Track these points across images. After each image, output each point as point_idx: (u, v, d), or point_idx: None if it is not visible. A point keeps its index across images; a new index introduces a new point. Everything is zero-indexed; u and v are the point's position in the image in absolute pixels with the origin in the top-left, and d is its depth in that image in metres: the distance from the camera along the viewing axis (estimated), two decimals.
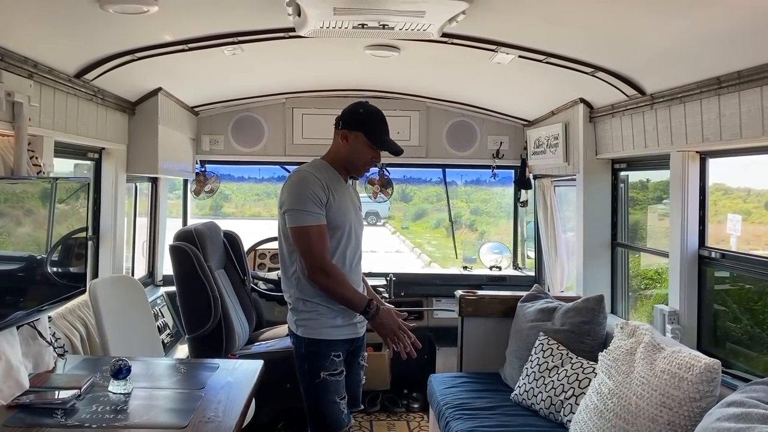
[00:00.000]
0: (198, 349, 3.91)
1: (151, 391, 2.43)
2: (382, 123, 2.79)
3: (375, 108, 2.81)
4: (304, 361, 2.73)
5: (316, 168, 2.74)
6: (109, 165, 3.87)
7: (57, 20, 2.57)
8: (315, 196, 2.61)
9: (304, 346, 2.73)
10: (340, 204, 2.71)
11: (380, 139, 2.77)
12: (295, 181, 2.68)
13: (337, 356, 2.73)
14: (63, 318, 3.09)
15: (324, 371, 2.70)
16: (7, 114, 2.53)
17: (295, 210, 2.61)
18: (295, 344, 2.78)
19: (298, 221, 2.60)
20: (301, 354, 2.74)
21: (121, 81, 3.52)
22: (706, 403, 2.38)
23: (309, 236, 2.60)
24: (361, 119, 2.75)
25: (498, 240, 5.91)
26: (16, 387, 2.24)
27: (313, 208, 2.60)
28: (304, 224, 2.60)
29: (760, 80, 2.47)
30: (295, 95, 5.05)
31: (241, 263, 4.50)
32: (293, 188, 2.66)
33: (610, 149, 3.86)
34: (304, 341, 2.73)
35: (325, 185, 2.65)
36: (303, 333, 2.73)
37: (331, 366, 2.71)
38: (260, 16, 2.88)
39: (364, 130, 2.74)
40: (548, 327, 3.62)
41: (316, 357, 2.71)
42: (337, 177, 2.78)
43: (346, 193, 2.80)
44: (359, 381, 3.00)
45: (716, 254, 3.11)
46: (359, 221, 2.88)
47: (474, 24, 2.81)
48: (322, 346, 2.72)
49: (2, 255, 2.32)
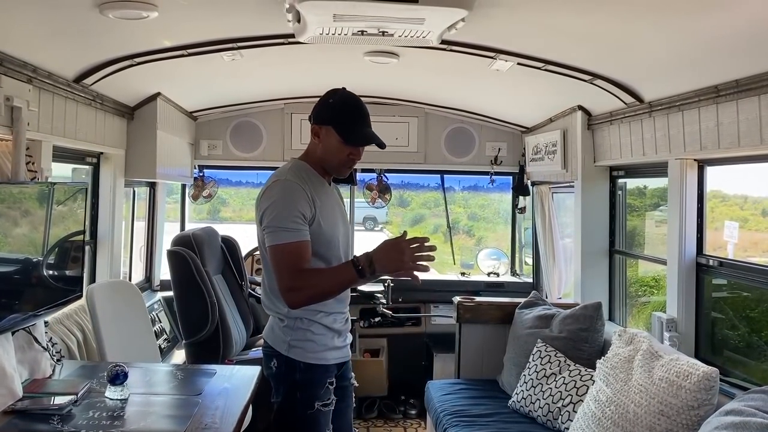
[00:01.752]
0: (195, 355, 3.90)
1: (148, 397, 2.42)
2: (356, 112, 2.36)
3: (349, 94, 2.39)
4: (295, 390, 2.32)
5: (298, 173, 2.34)
6: (107, 169, 3.86)
7: (57, 25, 2.57)
8: (300, 212, 2.24)
9: (298, 372, 2.32)
10: (328, 214, 2.36)
11: (353, 134, 2.33)
12: (278, 193, 2.26)
13: (331, 383, 2.38)
14: (60, 323, 3.08)
15: (318, 401, 2.33)
16: (6, 119, 2.53)
17: (276, 227, 2.23)
18: (281, 369, 2.35)
19: (277, 238, 2.23)
20: (293, 381, 2.32)
21: (120, 86, 3.52)
22: (704, 411, 2.38)
23: (287, 254, 2.22)
24: (331, 111, 2.35)
25: (496, 246, 5.91)
26: (9, 395, 2.22)
27: (294, 225, 2.22)
28: (283, 242, 2.22)
29: (757, 89, 2.48)
30: (293, 100, 5.05)
31: (238, 268, 4.49)
32: (275, 202, 2.25)
33: (608, 157, 3.87)
34: (298, 366, 2.32)
35: (310, 196, 2.28)
36: (298, 356, 2.32)
37: (325, 395, 2.35)
38: (260, 22, 2.88)
39: (333, 123, 2.33)
40: (546, 334, 3.62)
41: (311, 385, 2.33)
42: (320, 180, 2.40)
43: (331, 199, 2.44)
44: (352, 406, 2.64)
45: (714, 262, 3.11)
46: (346, 225, 2.53)
47: (473, 31, 2.81)
48: (319, 372, 2.34)
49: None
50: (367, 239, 9.55)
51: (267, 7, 2.59)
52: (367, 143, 2.37)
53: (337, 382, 2.44)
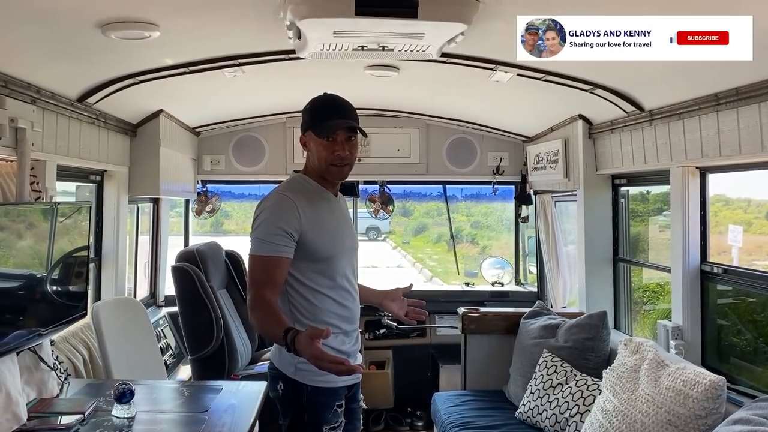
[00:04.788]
0: (201, 370, 3.90)
1: (155, 415, 2.43)
2: (324, 107, 2.31)
3: (322, 96, 2.35)
4: (302, 413, 2.28)
5: (294, 187, 2.34)
6: (110, 187, 3.88)
7: (60, 46, 2.59)
8: (281, 227, 2.20)
9: (305, 396, 2.27)
10: (325, 227, 2.30)
11: (323, 126, 2.27)
12: (267, 206, 2.26)
13: (339, 406, 2.32)
14: (66, 341, 3.09)
15: (327, 425, 2.28)
16: (11, 140, 2.54)
17: (256, 238, 2.22)
18: (287, 391, 2.30)
19: (254, 249, 2.22)
20: (300, 404, 2.27)
21: (123, 104, 3.54)
22: (711, 420, 2.37)
23: (258, 267, 2.21)
24: (305, 115, 2.33)
25: (500, 254, 5.90)
26: (14, 420, 2.22)
27: (274, 239, 2.19)
28: (258, 254, 2.21)
29: (757, 97, 2.50)
30: (295, 114, 5.06)
31: (242, 283, 4.50)
32: (261, 214, 2.25)
33: (610, 165, 3.88)
34: (305, 390, 2.27)
35: (300, 211, 2.24)
36: (304, 379, 2.26)
37: (333, 419, 2.30)
38: (261, 39, 2.90)
39: (309, 125, 2.30)
40: (552, 344, 3.62)
41: (319, 408, 2.28)
42: (320, 192, 2.36)
43: (334, 211, 2.39)
44: (359, 429, 2.58)
45: (718, 269, 3.11)
46: (351, 237, 2.47)
47: (472, 44, 2.83)
48: (327, 395, 2.29)
49: (2, 273, 2.31)
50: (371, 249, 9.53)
51: (268, 25, 2.61)
52: (337, 128, 2.27)
53: (347, 404, 2.38)
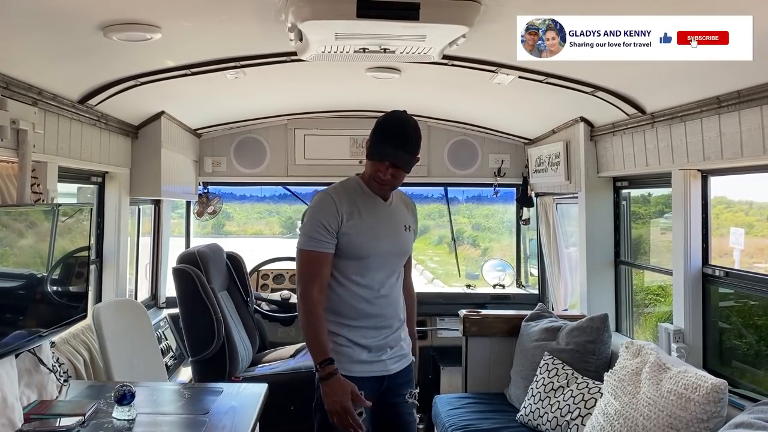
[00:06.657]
0: (201, 372, 3.90)
1: (156, 417, 2.43)
2: (388, 131, 2.43)
3: (393, 115, 2.49)
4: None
5: (341, 188, 2.49)
6: (112, 189, 3.88)
7: (61, 48, 2.59)
8: (322, 223, 2.37)
9: None
10: (366, 227, 2.43)
11: (377, 149, 2.42)
12: (313, 202, 2.47)
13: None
14: (66, 342, 3.08)
15: None
16: (12, 141, 2.54)
17: (302, 233, 2.43)
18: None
19: (300, 243, 2.42)
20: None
21: (125, 105, 3.54)
22: (713, 424, 2.36)
23: (303, 261, 2.41)
24: (375, 126, 2.47)
25: (501, 256, 5.89)
26: (9, 426, 2.20)
27: (316, 234, 2.37)
28: (303, 248, 2.40)
29: (759, 100, 2.49)
30: (297, 116, 5.07)
31: (243, 284, 4.50)
32: (309, 209, 2.45)
33: (612, 167, 3.87)
34: None
35: (341, 210, 2.40)
36: None
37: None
38: (262, 41, 2.90)
39: (371, 138, 2.45)
40: (553, 346, 3.61)
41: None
42: (367, 194, 2.48)
43: (378, 213, 2.48)
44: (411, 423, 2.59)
45: (720, 272, 3.10)
46: (395, 242, 2.52)
47: (474, 46, 2.83)
48: None
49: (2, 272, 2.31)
50: None
51: (269, 27, 2.61)
52: (383, 159, 2.40)
53: (387, 398, 2.49)
